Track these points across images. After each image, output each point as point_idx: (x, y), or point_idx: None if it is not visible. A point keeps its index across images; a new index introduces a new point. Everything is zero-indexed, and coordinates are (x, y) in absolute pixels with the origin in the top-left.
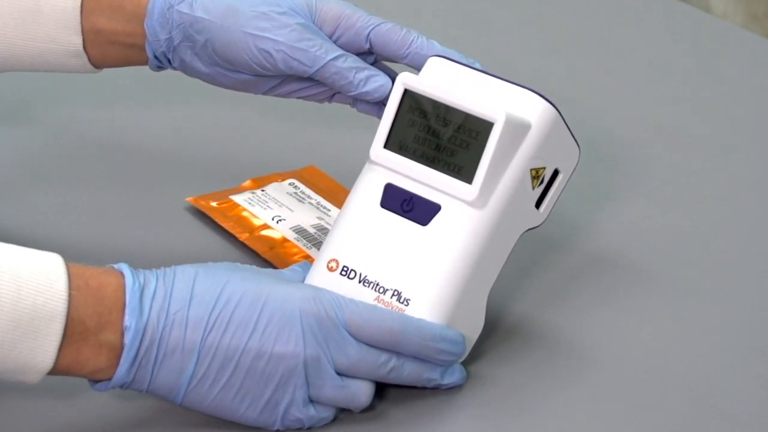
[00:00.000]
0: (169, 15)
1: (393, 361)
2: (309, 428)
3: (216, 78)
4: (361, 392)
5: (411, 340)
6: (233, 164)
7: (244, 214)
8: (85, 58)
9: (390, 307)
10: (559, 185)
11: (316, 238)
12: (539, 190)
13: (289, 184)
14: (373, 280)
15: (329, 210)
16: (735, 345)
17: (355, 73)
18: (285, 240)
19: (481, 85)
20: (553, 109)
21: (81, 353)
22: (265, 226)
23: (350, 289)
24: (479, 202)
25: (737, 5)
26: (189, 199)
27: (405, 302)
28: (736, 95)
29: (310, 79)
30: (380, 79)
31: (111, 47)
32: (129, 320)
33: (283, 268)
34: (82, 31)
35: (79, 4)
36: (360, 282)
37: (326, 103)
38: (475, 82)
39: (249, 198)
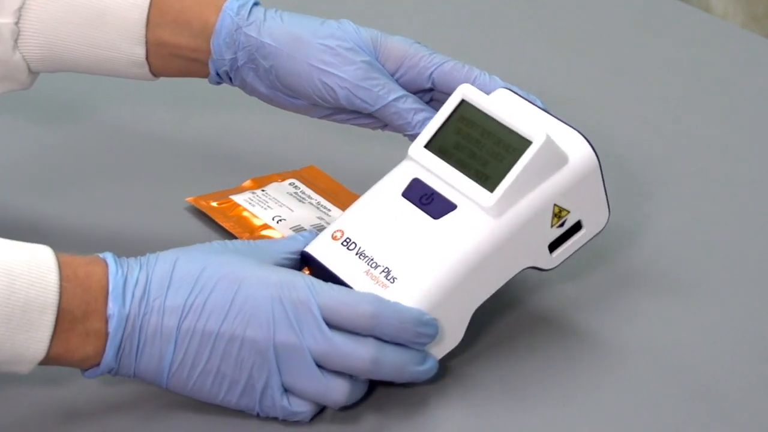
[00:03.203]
0: (236, 36)
1: (371, 349)
2: (291, 422)
3: (275, 100)
4: (338, 388)
5: (388, 324)
6: (233, 164)
7: (245, 214)
8: (147, 68)
9: (376, 281)
10: (578, 239)
11: None
12: (557, 231)
13: (289, 184)
14: (369, 255)
15: (329, 210)
16: (736, 344)
17: (414, 114)
18: None
19: (536, 117)
20: (595, 158)
21: (70, 342)
22: (266, 226)
23: (344, 258)
24: (495, 210)
25: (737, 5)
26: (189, 199)
27: (391, 279)
28: (736, 95)
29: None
30: None
31: (173, 60)
32: (112, 308)
33: None
34: (146, 43)
35: (145, 17)
36: (357, 254)
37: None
38: (532, 114)
39: (249, 198)
